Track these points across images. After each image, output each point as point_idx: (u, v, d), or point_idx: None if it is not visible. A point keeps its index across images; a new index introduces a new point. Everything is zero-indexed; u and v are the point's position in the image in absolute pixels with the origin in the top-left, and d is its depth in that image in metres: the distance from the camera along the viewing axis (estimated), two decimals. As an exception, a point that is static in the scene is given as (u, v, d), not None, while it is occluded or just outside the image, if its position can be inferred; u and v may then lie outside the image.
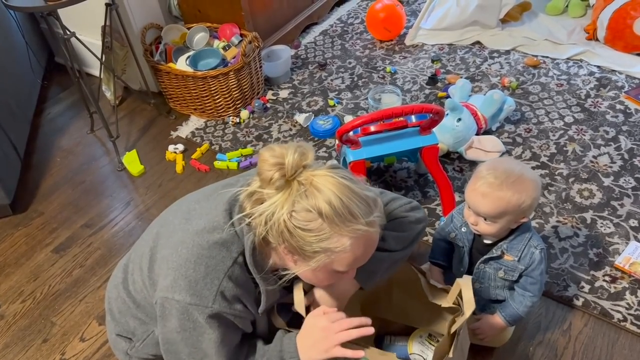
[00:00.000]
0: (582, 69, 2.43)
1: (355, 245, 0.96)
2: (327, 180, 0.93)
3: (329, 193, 0.92)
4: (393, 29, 2.76)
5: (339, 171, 0.97)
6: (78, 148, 2.44)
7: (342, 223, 0.93)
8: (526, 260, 1.30)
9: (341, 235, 0.94)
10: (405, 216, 1.27)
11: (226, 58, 2.37)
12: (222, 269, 1.02)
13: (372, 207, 0.97)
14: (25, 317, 1.77)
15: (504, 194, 1.19)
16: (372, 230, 0.97)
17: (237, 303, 1.05)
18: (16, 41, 2.48)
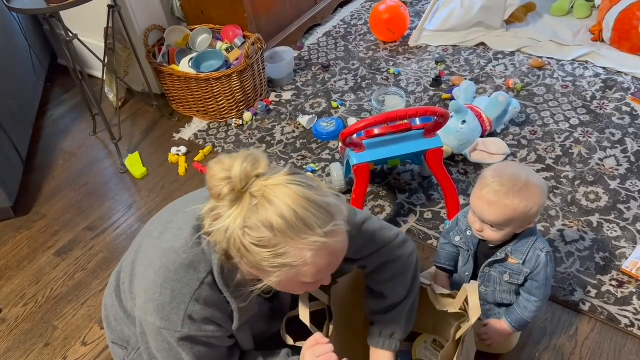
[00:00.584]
0: (588, 71, 2.41)
1: (317, 257, 0.90)
2: (280, 191, 0.86)
3: (281, 205, 0.85)
4: (397, 30, 2.75)
5: (295, 177, 0.89)
6: (80, 150, 2.43)
7: (297, 236, 0.87)
8: (531, 263, 1.29)
9: (299, 249, 0.88)
10: (398, 257, 1.23)
11: (229, 60, 2.36)
12: (188, 292, 0.99)
13: (332, 215, 0.89)
14: (27, 320, 1.77)
15: (511, 202, 1.17)
16: (332, 241, 0.89)
17: (208, 324, 1.02)
18: (19, 43, 2.47)
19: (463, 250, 1.41)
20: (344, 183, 1.97)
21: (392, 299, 1.22)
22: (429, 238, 1.81)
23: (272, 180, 0.87)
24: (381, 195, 1.99)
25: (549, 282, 1.31)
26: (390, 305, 1.21)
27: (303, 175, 0.92)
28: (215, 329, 1.03)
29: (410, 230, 1.85)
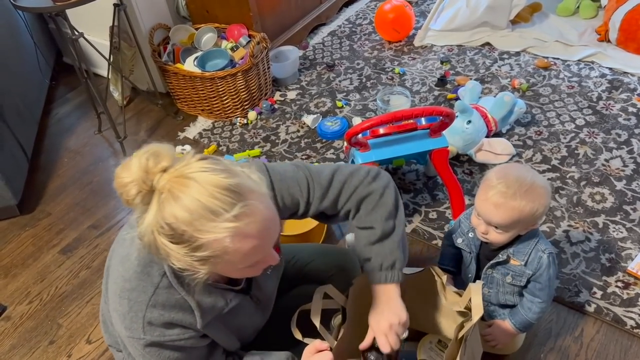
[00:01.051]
0: (594, 71, 2.40)
1: (236, 243, 0.85)
2: (182, 183, 0.82)
3: (184, 196, 0.82)
4: (402, 30, 2.74)
5: (199, 164, 0.84)
6: (85, 149, 2.44)
7: (206, 226, 0.82)
8: (534, 264, 1.28)
9: (213, 239, 0.83)
10: (371, 192, 1.16)
11: (234, 59, 2.36)
12: (143, 300, 0.97)
13: (241, 195, 0.84)
14: (31, 318, 1.77)
15: (518, 203, 1.17)
16: (244, 223, 0.84)
17: (171, 329, 1.00)
18: (24, 41, 2.48)
19: (465, 252, 1.40)
20: (348, 183, 1.97)
21: (382, 229, 1.14)
22: (434, 238, 1.81)
23: (176, 172, 0.83)
24: (386, 195, 1.98)
25: (552, 284, 1.31)
26: (382, 235, 1.14)
27: (210, 159, 0.87)
28: (180, 332, 1.00)
29: (415, 230, 1.84)
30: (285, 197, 1.12)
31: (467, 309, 1.26)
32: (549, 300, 1.33)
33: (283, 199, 1.12)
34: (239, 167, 0.89)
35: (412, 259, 1.76)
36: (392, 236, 1.16)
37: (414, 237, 1.83)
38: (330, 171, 1.16)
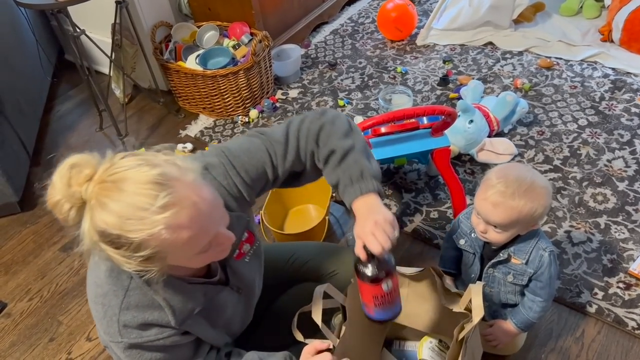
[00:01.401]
0: (597, 71, 2.39)
1: (174, 234, 0.83)
2: (105, 188, 0.81)
3: (109, 202, 0.81)
4: (404, 29, 2.74)
5: (118, 165, 0.83)
6: (87, 146, 2.43)
7: (136, 225, 0.81)
8: (535, 263, 1.28)
9: (149, 236, 0.82)
10: (323, 123, 1.12)
11: (236, 57, 2.36)
12: (116, 303, 0.97)
13: (163, 185, 0.82)
14: (32, 315, 1.77)
15: (516, 203, 1.16)
16: (172, 212, 0.82)
17: (148, 329, 0.99)
18: (26, 38, 2.48)
19: (468, 253, 1.40)
20: (350, 181, 1.97)
21: (342, 147, 1.10)
22: (435, 238, 1.80)
23: (99, 178, 0.82)
24: (387, 194, 1.98)
25: (552, 282, 1.30)
26: (343, 153, 1.10)
27: (129, 156, 0.85)
28: (157, 331, 1.00)
29: (416, 229, 1.84)
30: (250, 170, 1.10)
31: (467, 309, 1.26)
32: (550, 299, 1.33)
33: (248, 172, 1.10)
34: (162, 156, 0.87)
35: (413, 259, 1.76)
36: (353, 151, 1.11)
37: (415, 236, 1.83)
38: (283, 127, 1.14)
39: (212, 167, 1.07)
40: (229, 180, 1.08)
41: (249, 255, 1.16)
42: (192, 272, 1.04)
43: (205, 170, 1.05)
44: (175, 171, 0.85)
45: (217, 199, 0.91)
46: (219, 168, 1.07)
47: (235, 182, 1.08)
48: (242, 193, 1.10)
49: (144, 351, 1.01)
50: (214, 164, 1.08)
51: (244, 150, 1.11)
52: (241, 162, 1.10)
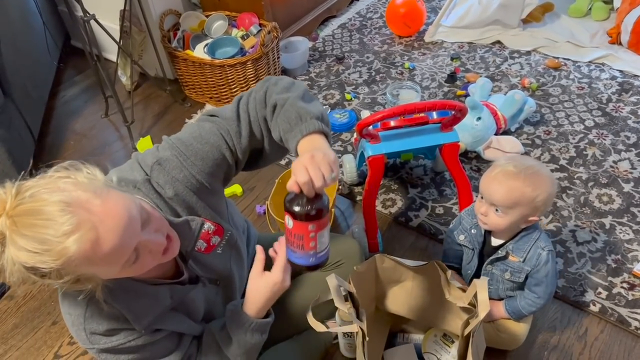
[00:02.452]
0: (604, 73, 2.40)
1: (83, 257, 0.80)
2: (13, 222, 0.78)
3: (16, 238, 0.78)
4: (413, 25, 2.73)
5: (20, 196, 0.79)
6: (92, 132, 2.43)
7: (43, 257, 0.78)
8: (532, 261, 1.28)
9: (61, 264, 0.79)
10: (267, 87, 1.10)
11: (244, 47, 2.35)
12: (80, 313, 0.97)
13: (62, 212, 0.78)
14: (35, 299, 1.77)
15: (520, 184, 1.18)
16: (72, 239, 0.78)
17: (115, 334, 0.99)
18: (34, 22, 2.47)
19: (467, 249, 1.40)
20: (355, 175, 1.97)
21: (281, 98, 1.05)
22: (440, 233, 1.80)
23: (7, 211, 0.79)
24: (393, 189, 1.98)
25: (549, 280, 1.30)
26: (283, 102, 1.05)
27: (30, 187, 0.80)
28: (125, 334, 1.00)
29: (422, 225, 1.84)
30: (206, 157, 1.06)
31: (470, 304, 1.26)
32: (546, 297, 1.33)
33: (204, 160, 1.06)
34: (61, 182, 0.82)
35: (418, 254, 1.76)
36: (290, 98, 1.05)
37: (420, 231, 1.83)
38: (233, 103, 1.11)
39: (165, 161, 1.04)
40: (184, 172, 1.04)
41: (220, 246, 1.15)
42: (154, 274, 1.03)
43: (158, 165, 1.03)
44: (75, 195, 0.80)
45: (126, 209, 0.85)
46: (172, 161, 1.04)
47: (192, 172, 1.05)
48: (203, 182, 1.07)
49: (118, 354, 1.01)
50: (167, 157, 1.04)
51: (195, 138, 1.07)
52: (194, 150, 1.06)
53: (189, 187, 1.05)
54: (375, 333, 1.46)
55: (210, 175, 1.08)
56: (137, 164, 1.05)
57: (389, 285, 1.39)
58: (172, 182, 1.04)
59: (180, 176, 1.04)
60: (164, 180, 1.03)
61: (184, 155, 1.05)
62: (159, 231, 0.92)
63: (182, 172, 1.04)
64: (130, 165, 1.06)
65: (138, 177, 1.02)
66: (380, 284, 1.39)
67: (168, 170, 1.04)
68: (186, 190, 1.05)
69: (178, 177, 1.04)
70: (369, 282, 1.36)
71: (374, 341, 1.44)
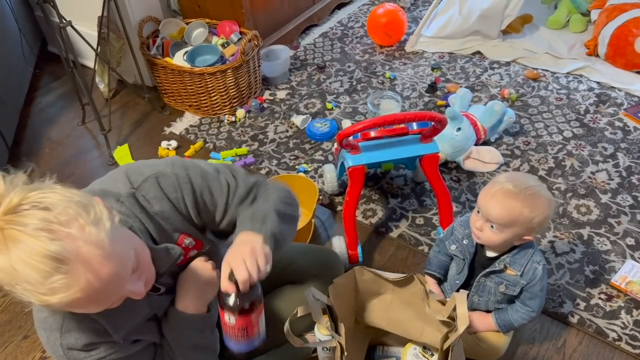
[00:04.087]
0: (582, 84, 2.42)
1: (65, 306, 0.78)
2: (4, 237, 0.73)
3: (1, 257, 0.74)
4: (394, 35, 2.74)
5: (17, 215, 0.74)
6: (68, 140, 2.38)
7: (24, 293, 0.75)
8: (529, 275, 1.29)
9: (39, 303, 0.77)
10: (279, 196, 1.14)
11: (224, 55, 2.33)
12: (56, 327, 0.94)
13: (61, 261, 0.74)
14: (5, 312, 1.72)
15: (519, 204, 1.18)
16: (59, 297, 0.75)
17: (94, 349, 0.97)
18: (9, 27, 2.42)
19: (458, 259, 1.39)
20: (336, 185, 1.96)
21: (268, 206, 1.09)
22: (420, 244, 1.80)
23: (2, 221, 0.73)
24: (373, 199, 1.97)
25: (543, 294, 1.31)
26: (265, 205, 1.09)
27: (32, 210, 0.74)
28: (105, 348, 0.98)
29: (402, 235, 1.83)
30: (204, 195, 1.07)
31: (450, 318, 1.25)
32: (538, 311, 1.34)
33: (202, 195, 1.07)
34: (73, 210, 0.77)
35: (398, 265, 1.75)
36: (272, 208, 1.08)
37: (400, 242, 1.82)
38: (253, 180, 1.13)
39: (163, 177, 1.03)
40: (177, 193, 1.03)
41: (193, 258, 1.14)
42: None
43: (154, 178, 1.02)
44: (74, 248, 0.75)
45: (124, 265, 0.83)
46: (170, 178, 1.03)
47: (184, 198, 1.04)
48: (190, 213, 1.06)
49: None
50: (167, 174, 1.03)
51: (209, 175, 1.08)
52: (199, 184, 1.06)
53: (178, 210, 1.04)
54: (355, 346, 1.44)
55: (198, 212, 1.07)
56: (123, 176, 1.02)
57: (368, 297, 1.37)
58: (161, 199, 1.02)
59: (172, 195, 1.03)
60: (153, 195, 1.01)
61: (187, 180, 1.04)
62: (141, 277, 0.90)
63: (176, 193, 1.03)
64: (114, 177, 1.03)
65: (122, 190, 1.00)
66: (359, 296, 1.37)
67: (163, 186, 1.02)
68: (173, 209, 1.04)
69: (170, 196, 1.03)
70: (348, 295, 1.35)
71: (353, 354, 1.43)
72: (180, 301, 1.09)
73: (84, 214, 0.78)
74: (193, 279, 1.09)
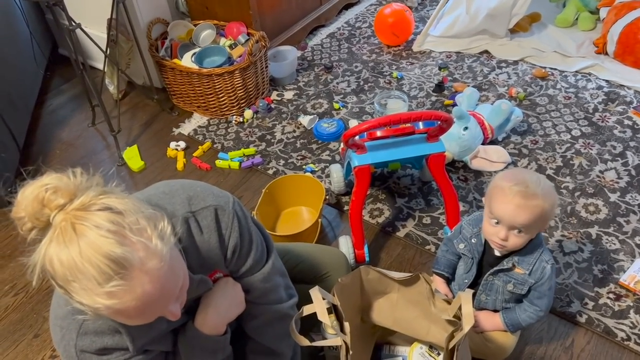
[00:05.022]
0: (591, 83, 2.41)
1: (112, 314, 0.80)
2: (66, 229, 0.75)
3: (63, 249, 0.75)
4: (401, 35, 2.74)
5: (94, 218, 0.76)
6: (78, 141, 2.41)
7: (76, 289, 0.76)
8: (537, 274, 1.28)
9: (86, 303, 0.78)
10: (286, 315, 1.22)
11: (232, 56, 2.35)
12: (74, 328, 0.94)
13: (122, 267, 0.75)
14: (16, 311, 1.74)
15: (540, 201, 1.17)
16: (113, 302, 0.77)
17: (107, 354, 0.97)
18: (20, 30, 2.45)
19: (466, 257, 1.39)
20: (343, 185, 1.96)
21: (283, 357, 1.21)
22: (427, 243, 1.80)
23: (70, 216, 0.76)
24: (380, 199, 1.98)
25: (551, 294, 1.31)
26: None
27: (105, 212, 0.77)
28: (117, 355, 0.98)
29: (409, 234, 1.83)
30: (245, 246, 1.09)
31: (455, 317, 1.25)
32: (547, 310, 1.33)
33: (242, 244, 1.08)
34: (143, 222, 0.79)
35: (405, 264, 1.76)
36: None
37: (407, 241, 1.82)
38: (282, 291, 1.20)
39: (222, 211, 1.03)
40: (227, 231, 1.04)
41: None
42: None
43: (213, 209, 1.02)
44: (139, 256, 0.77)
45: (176, 284, 0.85)
46: (227, 215, 1.04)
47: (231, 237, 1.05)
48: (227, 254, 1.07)
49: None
50: (227, 210, 1.04)
51: (256, 234, 1.11)
52: (245, 234, 1.07)
53: (221, 244, 1.05)
54: (361, 345, 1.45)
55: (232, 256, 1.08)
56: (184, 197, 1.01)
57: (374, 297, 1.38)
58: (213, 230, 1.02)
59: (223, 231, 1.04)
60: (207, 224, 1.02)
61: (239, 225, 1.05)
62: (179, 299, 0.91)
63: (226, 230, 1.04)
64: (173, 194, 1.02)
65: (179, 211, 1.00)
66: (365, 295, 1.38)
67: (220, 219, 1.03)
68: (218, 244, 1.04)
69: (221, 231, 1.04)
70: (354, 294, 1.35)
71: (359, 353, 1.43)
72: (199, 315, 1.08)
73: (152, 226, 0.81)
74: (221, 294, 1.08)
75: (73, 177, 0.79)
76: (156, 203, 0.99)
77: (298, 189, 1.93)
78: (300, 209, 1.97)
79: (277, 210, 1.96)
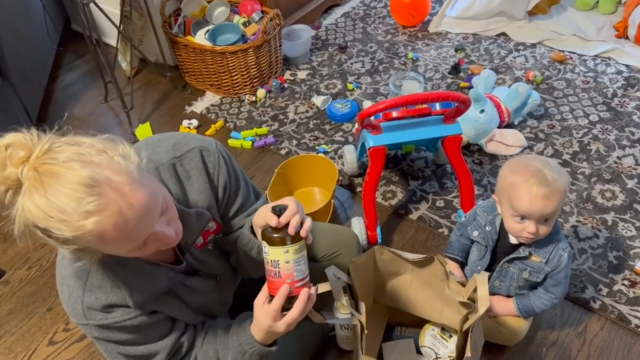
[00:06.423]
0: (610, 67, 2.36)
1: (97, 236, 0.79)
2: (34, 177, 0.76)
3: (35, 194, 0.76)
4: (417, 15, 2.70)
5: (50, 153, 0.77)
6: (91, 117, 2.40)
7: (57, 225, 0.77)
8: (553, 262, 1.27)
9: (71, 236, 0.78)
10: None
11: (246, 34, 2.32)
12: (79, 285, 0.95)
13: (92, 187, 0.76)
14: (30, 284, 1.75)
15: (560, 184, 1.16)
16: (92, 220, 0.77)
17: (112, 311, 0.97)
18: (34, 6, 2.44)
19: (480, 245, 1.38)
20: (356, 166, 1.95)
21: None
22: (440, 226, 1.78)
23: (32, 164, 0.76)
24: (394, 181, 1.96)
25: (567, 282, 1.30)
26: None
27: (64, 146, 0.79)
28: (122, 313, 0.98)
29: (422, 217, 1.82)
30: (233, 184, 1.10)
31: (470, 299, 1.25)
32: (561, 298, 1.32)
33: (231, 183, 1.10)
34: (97, 154, 0.80)
35: (417, 247, 1.75)
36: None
37: (420, 224, 1.81)
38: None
39: (206, 152, 1.05)
40: (215, 170, 1.06)
41: (210, 243, 1.14)
42: (153, 256, 1.00)
43: (198, 150, 1.04)
44: (105, 174, 0.78)
45: (153, 199, 0.84)
46: (212, 155, 1.06)
47: (219, 177, 1.07)
48: (218, 194, 1.08)
49: (112, 332, 0.99)
50: (211, 151, 1.06)
51: (242, 172, 1.15)
52: (233, 172, 1.10)
53: (210, 185, 1.07)
54: (373, 326, 1.45)
55: (223, 195, 1.10)
56: (168, 145, 1.03)
57: (387, 277, 1.37)
58: (200, 171, 1.04)
59: (211, 171, 1.06)
60: (194, 165, 1.04)
61: (225, 163, 1.07)
62: (170, 223, 0.91)
63: (213, 170, 1.06)
64: (158, 144, 1.04)
65: (164, 158, 1.02)
66: (378, 276, 1.37)
67: (205, 159, 1.05)
68: (207, 185, 1.06)
69: (209, 171, 1.06)
70: (367, 274, 1.35)
71: (371, 334, 1.43)
72: (255, 325, 1.06)
73: (112, 148, 0.83)
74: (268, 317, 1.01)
75: (29, 134, 0.80)
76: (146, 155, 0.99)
77: (311, 170, 1.91)
78: (312, 190, 1.96)
79: (289, 190, 1.95)
